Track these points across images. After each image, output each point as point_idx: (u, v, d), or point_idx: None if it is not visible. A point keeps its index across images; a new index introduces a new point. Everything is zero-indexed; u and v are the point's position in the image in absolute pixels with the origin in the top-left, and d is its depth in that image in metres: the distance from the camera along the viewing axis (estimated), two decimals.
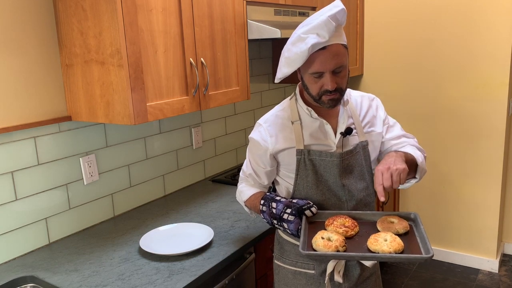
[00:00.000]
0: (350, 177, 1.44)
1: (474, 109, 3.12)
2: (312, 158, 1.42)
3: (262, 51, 2.89)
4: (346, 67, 1.34)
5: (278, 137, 1.46)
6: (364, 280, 1.49)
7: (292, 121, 1.45)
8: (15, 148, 1.62)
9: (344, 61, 1.32)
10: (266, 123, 1.51)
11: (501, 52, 2.96)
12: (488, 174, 3.16)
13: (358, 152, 1.43)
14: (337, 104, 1.37)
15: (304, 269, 1.48)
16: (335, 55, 1.29)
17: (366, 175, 1.46)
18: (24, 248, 1.68)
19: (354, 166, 1.44)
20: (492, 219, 3.21)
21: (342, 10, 1.29)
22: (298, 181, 1.45)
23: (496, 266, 3.26)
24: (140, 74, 1.59)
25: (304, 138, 1.43)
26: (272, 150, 1.46)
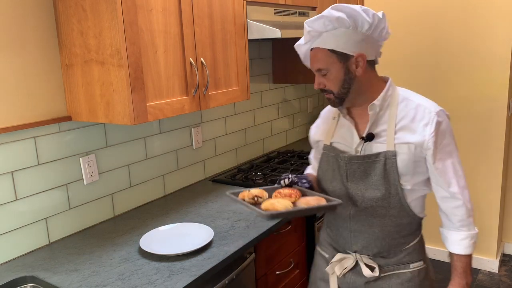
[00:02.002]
0: (359, 183, 1.42)
1: (474, 109, 3.13)
2: (332, 155, 1.48)
3: (262, 51, 2.89)
4: (335, 71, 1.36)
5: (319, 129, 1.58)
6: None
7: (333, 117, 1.54)
8: (15, 148, 1.62)
9: (322, 65, 1.37)
10: (321, 114, 1.63)
11: (501, 52, 2.97)
12: (488, 174, 3.16)
13: (379, 160, 1.38)
14: (335, 104, 1.43)
15: (323, 252, 1.63)
16: (313, 58, 1.40)
17: (382, 186, 1.39)
18: (24, 248, 1.68)
19: (369, 173, 1.40)
20: (492, 219, 3.21)
21: (318, 17, 1.35)
22: (319, 173, 1.55)
23: (496, 266, 3.26)
24: (140, 74, 1.59)
25: (334, 135, 1.50)
26: (312, 139, 1.62)
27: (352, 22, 1.33)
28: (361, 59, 1.35)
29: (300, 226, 2.14)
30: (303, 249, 2.16)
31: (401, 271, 1.47)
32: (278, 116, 3.16)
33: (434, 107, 1.38)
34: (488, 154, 3.13)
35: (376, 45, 1.41)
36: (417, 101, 1.40)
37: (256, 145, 2.97)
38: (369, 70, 1.39)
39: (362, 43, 1.35)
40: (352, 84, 1.37)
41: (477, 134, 3.14)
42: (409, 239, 1.48)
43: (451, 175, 1.38)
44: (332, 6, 1.35)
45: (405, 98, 1.41)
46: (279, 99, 3.15)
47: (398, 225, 1.43)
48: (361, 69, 1.36)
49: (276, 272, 1.96)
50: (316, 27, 1.36)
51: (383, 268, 1.47)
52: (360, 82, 1.38)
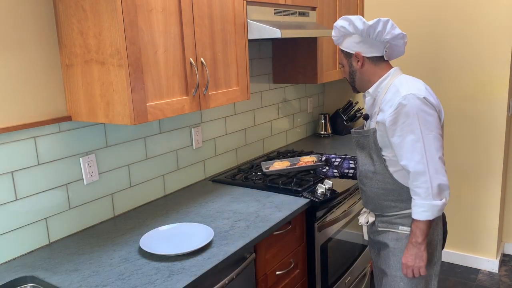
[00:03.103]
0: (361, 152, 1.84)
1: (474, 109, 3.13)
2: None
3: (262, 51, 2.89)
4: (345, 65, 1.82)
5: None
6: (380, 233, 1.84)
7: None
8: (15, 148, 1.62)
9: (339, 60, 1.85)
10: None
11: (501, 52, 2.97)
12: (488, 174, 3.16)
13: (368, 135, 1.75)
14: (354, 90, 1.87)
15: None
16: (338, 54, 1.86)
17: (372, 156, 1.77)
18: (24, 248, 1.68)
19: (365, 145, 1.80)
20: (492, 219, 3.21)
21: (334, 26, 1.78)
22: None
23: (496, 266, 3.27)
24: (140, 74, 1.59)
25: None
26: None
27: (352, 28, 1.72)
28: (359, 56, 1.74)
29: (300, 226, 2.14)
30: (303, 249, 2.16)
31: (391, 230, 1.79)
32: (278, 116, 3.16)
33: (406, 91, 1.61)
34: (488, 154, 3.14)
35: (378, 45, 1.73)
36: (398, 87, 1.66)
37: (256, 145, 2.97)
38: (371, 65, 1.75)
39: (360, 44, 1.73)
40: (355, 75, 1.79)
41: (477, 134, 3.14)
42: (401, 206, 1.75)
43: (407, 150, 1.61)
44: (342, 17, 1.76)
45: (394, 85, 1.68)
46: (279, 99, 3.15)
47: (383, 189, 1.77)
48: (360, 64, 1.75)
49: (276, 272, 1.96)
50: (335, 33, 1.81)
51: (379, 224, 1.83)
52: (362, 73, 1.77)
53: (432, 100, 1.62)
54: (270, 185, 2.31)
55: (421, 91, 1.61)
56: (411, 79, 1.70)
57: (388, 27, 1.68)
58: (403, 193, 1.73)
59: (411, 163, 1.60)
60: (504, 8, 2.90)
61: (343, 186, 2.35)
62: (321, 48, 2.82)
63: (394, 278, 1.76)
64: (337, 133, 3.60)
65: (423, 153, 1.58)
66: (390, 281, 1.78)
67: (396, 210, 1.77)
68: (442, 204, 1.60)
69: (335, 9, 3.00)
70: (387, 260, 1.79)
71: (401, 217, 1.76)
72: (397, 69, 1.76)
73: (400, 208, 1.75)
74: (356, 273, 2.68)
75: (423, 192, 1.59)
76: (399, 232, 1.76)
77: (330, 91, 3.75)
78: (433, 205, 1.59)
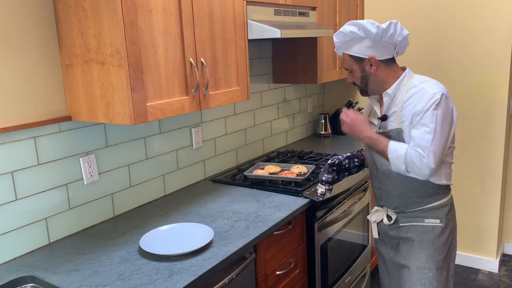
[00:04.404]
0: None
1: (474, 109, 3.13)
2: None
3: (262, 51, 2.89)
4: (355, 70, 1.80)
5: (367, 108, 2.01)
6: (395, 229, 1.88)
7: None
8: (15, 148, 1.62)
9: (347, 65, 1.82)
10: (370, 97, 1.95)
11: (501, 52, 2.97)
12: (488, 174, 3.16)
13: (391, 136, 1.76)
14: (362, 94, 1.86)
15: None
16: (343, 60, 1.86)
17: None
18: (24, 248, 1.68)
19: None
20: (492, 219, 3.21)
21: (338, 32, 1.79)
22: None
23: (496, 266, 3.27)
24: (140, 74, 1.59)
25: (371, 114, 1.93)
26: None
27: (362, 33, 1.72)
28: (373, 60, 1.75)
29: (300, 226, 2.14)
30: (303, 249, 2.16)
31: (416, 224, 1.81)
32: (278, 116, 3.16)
33: (434, 89, 1.67)
34: (488, 154, 3.14)
35: (389, 47, 1.76)
36: (423, 86, 1.70)
37: (256, 145, 2.97)
38: (384, 67, 1.77)
39: (372, 48, 1.74)
40: (369, 79, 1.79)
41: (477, 134, 3.14)
42: (427, 201, 1.79)
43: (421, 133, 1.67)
44: (348, 22, 1.76)
45: (414, 85, 1.73)
46: (279, 99, 3.15)
47: (410, 187, 1.78)
48: (374, 68, 1.76)
49: (276, 272, 1.96)
50: (339, 39, 1.81)
51: (401, 220, 1.85)
52: (377, 76, 1.78)
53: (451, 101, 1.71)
54: (270, 185, 2.31)
55: (444, 91, 1.68)
56: (428, 78, 1.76)
57: (398, 29, 1.72)
58: (429, 188, 1.77)
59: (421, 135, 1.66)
60: (504, 8, 2.90)
61: (343, 186, 2.35)
62: (321, 48, 2.82)
63: (422, 271, 1.78)
64: (337, 133, 3.60)
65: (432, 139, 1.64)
66: (417, 274, 1.79)
67: (421, 205, 1.80)
68: (403, 170, 1.71)
69: (335, 9, 3.00)
70: (412, 253, 1.81)
71: (426, 210, 1.80)
72: (409, 69, 1.80)
73: (425, 203, 1.79)
74: (356, 273, 2.68)
75: (416, 155, 1.66)
76: (425, 225, 1.79)
77: (330, 91, 3.75)
78: (401, 163, 1.69)
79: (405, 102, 1.72)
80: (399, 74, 1.78)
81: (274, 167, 2.49)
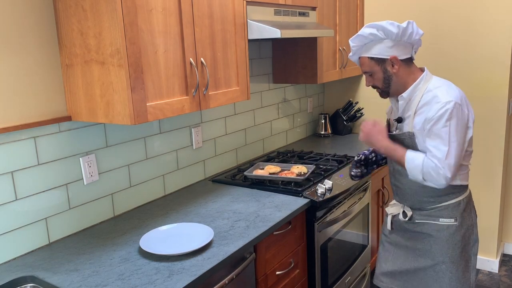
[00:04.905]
0: None
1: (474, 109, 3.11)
2: None
3: (262, 51, 2.89)
4: (376, 72, 1.80)
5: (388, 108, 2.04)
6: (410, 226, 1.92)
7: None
8: (15, 148, 1.62)
9: (367, 68, 1.82)
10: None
11: (501, 52, 2.97)
12: (488, 174, 3.16)
13: (404, 138, 1.80)
14: (383, 96, 1.87)
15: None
16: (361, 64, 1.86)
17: None
18: (24, 248, 1.68)
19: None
20: (492, 219, 3.21)
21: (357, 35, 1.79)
22: None
23: (496, 266, 3.27)
24: (140, 74, 1.59)
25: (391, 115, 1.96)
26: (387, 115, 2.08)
27: (382, 34, 1.74)
28: (395, 60, 1.76)
29: (300, 226, 2.14)
30: (303, 249, 2.16)
31: (431, 222, 1.84)
32: (278, 116, 3.16)
33: (447, 98, 1.68)
34: (488, 154, 3.14)
35: (408, 46, 1.79)
36: (437, 92, 1.72)
37: (256, 145, 2.97)
38: (404, 67, 1.79)
39: (393, 48, 1.75)
40: (391, 80, 1.80)
41: (477, 134, 3.14)
42: (441, 199, 1.82)
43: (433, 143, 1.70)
44: (366, 25, 1.78)
45: (430, 90, 1.74)
46: (279, 99, 3.15)
47: (423, 186, 1.79)
48: (396, 68, 1.77)
49: (276, 272, 1.96)
50: (356, 43, 1.81)
51: (417, 217, 1.87)
52: (398, 77, 1.79)
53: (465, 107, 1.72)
54: (270, 185, 2.31)
55: (458, 98, 1.69)
56: (445, 83, 1.76)
57: (415, 28, 1.76)
58: (444, 189, 1.79)
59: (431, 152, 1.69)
60: (504, 8, 2.90)
61: (343, 186, 2.35)
62: (321, 48, 2.82)
63: (435, 263, 1.84)
64: (337, 133, 3.60)
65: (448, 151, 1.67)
66: (431, 264, 1.85)
67: (435, 204, 1.83)
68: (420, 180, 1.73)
69: (335, 9, 3.00)
70: (426, 246, 1.86)
71: (440, 209, 1.83)
72: (427, 71, 1.81)
73: (439, 201, 1.82)
74: (356, 273, 2.68)
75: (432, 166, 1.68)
76: (439, 224, 1.83)
77: (330, 91, 3.75)
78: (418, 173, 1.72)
79: (419, 109, 1.75)
80: (416, 76, 1.80)
81: (274, 167, 2.49)
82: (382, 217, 3.05)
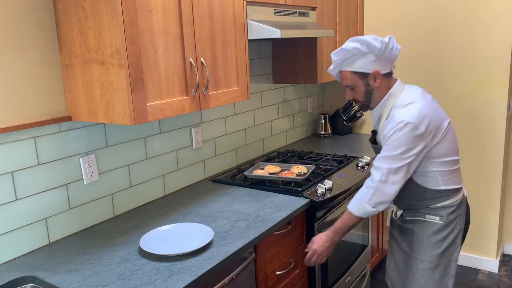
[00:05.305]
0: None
1: (474, 109, 3.13)
2: None
3: (262, 51, 2.89)
4: (358, 86, 1.83)
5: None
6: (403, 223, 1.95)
7: None
8: (15, 148, 1.62)
9: (349, 82, 1.84)
10: None
11: (501, 52, 2.97)
12: (488, 174, 3.16)
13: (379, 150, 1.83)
14: (363, 109, 1.91)
15: None
16: (342, 78, 1.88)
17: None
18: (24, 248, 1.68)
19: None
20: (492, 219, 3.21)
21: (340, 49, 1.80)
22: None
23: (496, 266, 3.27)
24: (140, 74, 1.60)
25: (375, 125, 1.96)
26: None
27: (365, 48, 1.76)
28: (377, 74, 1.79)
29: (300, 226, 2.14)
30: (303, 249, 2.16)
31: (418, 218, 1.88)
32: (278, 116, 3.16)
33: (400, 118, 1.70)
34: (488, 154, 3.13)
35: (388, 61, 1.82)
36: (395, 111, 1.75)
37: (256, 145, 2.97)
38: (384, 81, 1.82)
39: (376, 62, 1.78)
40: (373, 94, 1.83)
41: (477, 134, 3.14)
42: (428, 203, 1.84)
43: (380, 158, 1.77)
44: (349, 39, 1.79)
45: (395, 107, 1.77)
46: (279, 99, 3.15)
47: (408, 192, 1.85)
48: (379, 82, 1.80)
49: (276, 272, 1.96)
50: (339, 57, 1.83)
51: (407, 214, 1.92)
52: (379, 91, 1.82)
53: (424, 126, 1.68)
54: (270, 185, 2.31)
55: (414, 118, 1.68)
56: (412, 98, 1.75)
57: (395, 43, 1.80)
58: (427, 193, 1.83)
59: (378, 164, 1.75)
60: (504, 8, 2.90)
61: (343, 186, 2.35)
62: (321, 48, 2.82)
63: (415, 260, 1.87)
64: (337, 133, 3.60)
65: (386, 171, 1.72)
66: (411, 262, 1.89)
67: (423, 206, 1.86)
68: (372, 211, 1.78)
69: (335, 9, 3.00)
70: (411, 243, 1.90)
71: (428, 209, 1.85)
72: (398, 86, 1.83)
73: (427, 205, 1.85)
74: (356, 273, 2.68)
75: (366, 192, 1.78)
76: (425, 220, 1.85)
77: (330, 91, 3.75)
78: (364, 207, 1.78)
79: (384, 125, 1.78)
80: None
81: (274, 167, 2.49)
82: (382, 216, 3.05)
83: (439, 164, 1.77)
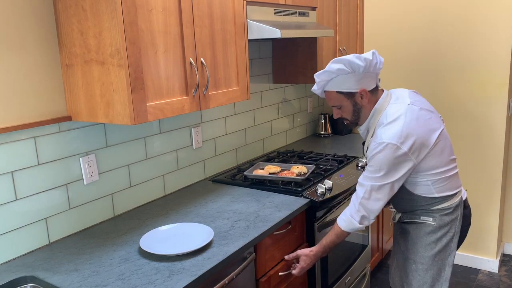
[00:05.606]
0: None
1: (474, 109, 3.13)
2: None
3: (262, 51, 2.89)
4: (346, 106, 1.81)
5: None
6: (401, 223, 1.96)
7: None
8: (15, 148, 1.62)
9: (335, 102, 1.83)
10: None
11: (501, 52, 2.97)
12: (488, 174, 3.16)
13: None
14: (352, 127, 1.93)
15: None
16: (328, 98, 1.87)
17: None
18: (24, 248, 1.68)
19: None
20: (492, 219, 3.21)
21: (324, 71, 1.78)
22: None
23: (496, 266, 3.27)
24: (140, 74, 1.59)
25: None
26: None
27: (350, 68, 1.73)
28: (364, 93, 1.77)
29: (300, 226, 2.14)
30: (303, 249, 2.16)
31: (413, 220, 1.88)
32: (278, 116, 3.16)
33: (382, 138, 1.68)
34: (488, 154, 3.14)
35: (373, 76, 1.79)
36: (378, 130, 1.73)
37: (256, 145, 2.97)
38: (371, 97, 1.80)
39: (361, 80, 1.76)
40: (360, 111, 1.82)
41: (477, 134, 3.14)
42: (423, 207, 1.83)
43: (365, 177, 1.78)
44: (332, 60, 1.76)
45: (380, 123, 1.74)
46: (279, 99, 3.15)
47: (402, 198, 1.86)
48: (366, 99, 1.79)
49: (276, 272, 1.96)
50: (323, 78, 1.80)
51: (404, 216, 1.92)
52: (366, 108, 1.81)
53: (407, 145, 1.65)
54: (270, 185, 2.31)
55: (395, 137, 1.65)
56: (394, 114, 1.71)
57: (379, 57, 1.76)
58: (420, 200, 1.82)
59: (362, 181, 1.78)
60: (504, 8, 2.90)
61: (343, 186, 2.35)
62: (321, 48, 2.82)
63: (408, 260, 1.88)
64: (337, 133, 3.60)
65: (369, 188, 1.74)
66: (404, 262, 1.91)
67: (418, 209, 1.86)
68: (359, 227, 1.82)
69: (335, 9, 3.00)
70: (406, 243, 1.91)
71: (423, 211, 1.85)
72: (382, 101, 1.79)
73: (421, 208, 1.85)
74: (356, 273, 2.68)
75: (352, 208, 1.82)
76: (419, 222, 1.85)
77: None
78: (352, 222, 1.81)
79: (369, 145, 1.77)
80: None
81: (274, 167, 2.49)
82: (382, 216, 3.05)
83: (429, 175, 1.75)
